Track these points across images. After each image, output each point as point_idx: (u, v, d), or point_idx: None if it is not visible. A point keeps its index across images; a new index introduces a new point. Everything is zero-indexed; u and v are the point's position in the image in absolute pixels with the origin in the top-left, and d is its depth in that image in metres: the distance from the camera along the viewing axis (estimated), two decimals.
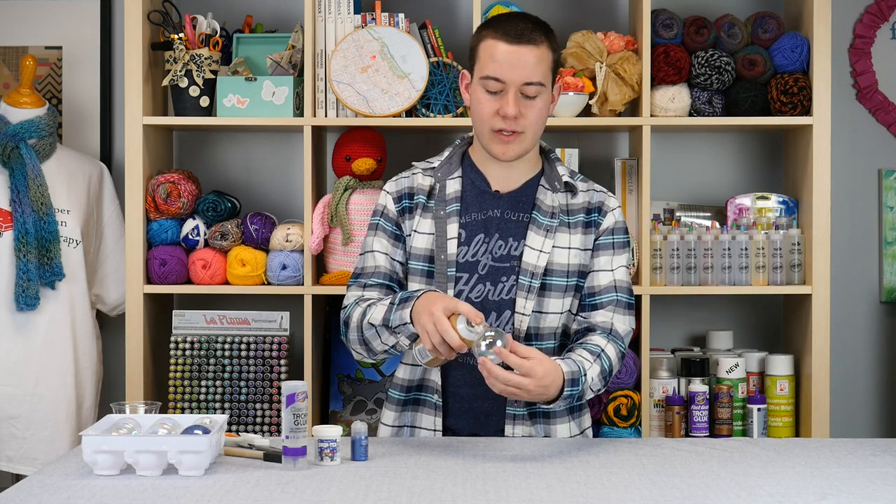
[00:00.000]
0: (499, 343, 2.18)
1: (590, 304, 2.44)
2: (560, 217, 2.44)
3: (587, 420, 2.54)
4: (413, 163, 2.55)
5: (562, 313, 2.43)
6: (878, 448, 2.32)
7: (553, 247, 2.42)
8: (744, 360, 3.35)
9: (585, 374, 2.30)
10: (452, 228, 2.43)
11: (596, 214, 2.46)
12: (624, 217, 2.52)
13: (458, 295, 2.41)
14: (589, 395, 2.36)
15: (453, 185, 2.46)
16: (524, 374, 2.19)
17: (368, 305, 2.38)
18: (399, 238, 2.47)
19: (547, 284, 2.41)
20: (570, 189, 2.47)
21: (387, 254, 2.46)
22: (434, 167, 2.50)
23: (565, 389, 2.26)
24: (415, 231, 2.46)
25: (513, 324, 2.40)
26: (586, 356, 2.34)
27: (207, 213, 3.32)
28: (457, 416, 2.44)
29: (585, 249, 2.45)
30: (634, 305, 2.48)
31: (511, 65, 2.34)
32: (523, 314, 2.39)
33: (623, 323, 2.43)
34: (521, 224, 2.44)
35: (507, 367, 2.21)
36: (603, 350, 2.37)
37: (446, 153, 2.52)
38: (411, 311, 2.27)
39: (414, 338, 2.31)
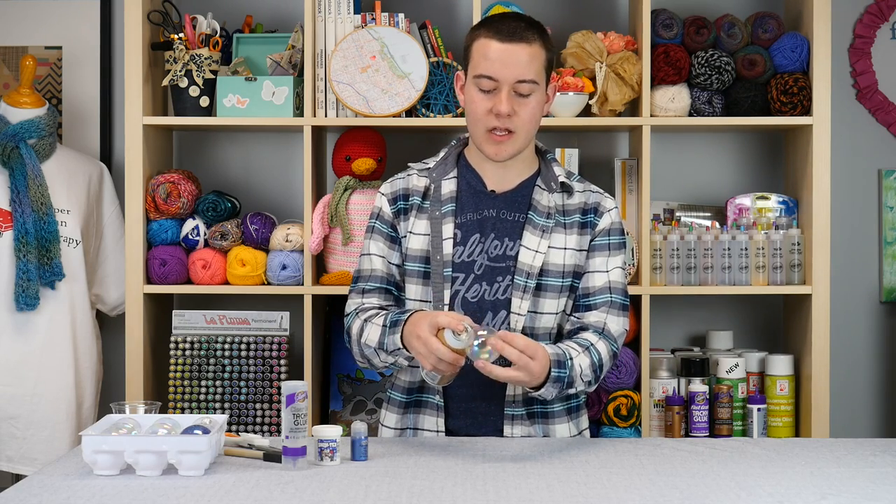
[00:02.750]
0: (488, 348, 2.18)
1: (584, 305, 2.44)
2: (556, 217, 2.44)
3: (585, 421, 2.54)
4: (409, 164, 2.56)
5: (557, 313, 2.44)
6: (878, 448, 2.32)
7: (549, 247, 2.42)
8: (744, 360, 3.35)
9: (571, 360, 2.30)
10: (448, 229, 2.43)
11: (592, 215, 2.46)
12: (621, 218, 2.52)
13: (454, 295, 2.41)
14: (581, 386, 2.35)
15: (448, 186, 2.46)
16: (531, 356, 2.20)
17: (365, 321, 2.39)
18: (395, 240, 2.47)
19: (542, 285, 2.41)
20: (566, 189, 2.47)
21: (383, 257, 2.47)
22: (429, 168, 2.50)
23: (552, 371, 2.26)
24: (410, 232, 2.46)
25: (508, 323, 2.40)
26: (573, 346, 2.35)
27: (207, 213, 3.32)
28: (456, 417, 2.44)
29: (581, 250, 2.45)
30: (629, 307, 2.48)
31: (503, 63, 2.35)
32: (519, 314, 2.39)
33: (616, 324, 2.43)
34: (517, 224, 2.44)
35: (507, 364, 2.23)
36: (592, 344, 2.37)
37: (442, 154, 2.52)
38: (402, 337, 2.29)
39: (412, 358, 2.32)
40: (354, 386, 3.43)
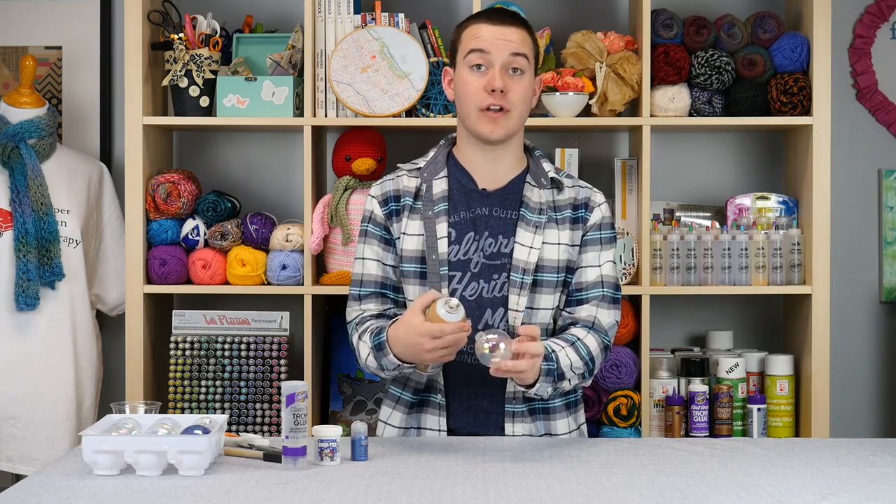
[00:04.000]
0: (502, 346, 2.19)
1: (576, 300, 2.45)
2: (548, 213, 2.45)
3: (582, 416, 2.57)
4: (398, 165, 2.56)
5: (552, 309, 2.44)
6: (878, 448, 2.32)
7: (543, 243, 2.43)
8: (744, 360, 3.35)
9: (555, 353, 2.32)
10: (442, 228, 2.43)
11: (583, 210, 2.47)
12: (611, 212, 2.53)
13: (452, 293, 2.42)
14: (575, 380, 2.36)
15: (440, 185, 2.47)
16: (537, 353, 2.22)
17: (359, 337, 2.41)
18: (389, 242, 2.47)
19: (538, 280, 2.42)
20: (556, 185, 2.48)
21: (378, 260, 2.47)
22: (419, 168, 2.51)
23: (542, 364, 2.28)
24: (404, 233, 2.46)
25: (507, 320, 2.41)
26: (556, 341, 2.37)
27: (207, 213, 3.32)
28: (457, 415, 2.45)
29: (573, 245, 2.46)
30: (620, 300, 2.49)
31: (495, 39, 2.39)
32: (516, 310, 2.40)
33: (607, 316, 2.44)
34: (510, 221, 2.44)
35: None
36: (579, 339, 2.39)
37: (431, 154, 2.53)
38: (395, 355, 2.31)
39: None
40: (354, 386, 3.43)
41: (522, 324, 2.40)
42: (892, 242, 3.61)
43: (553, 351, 2.32)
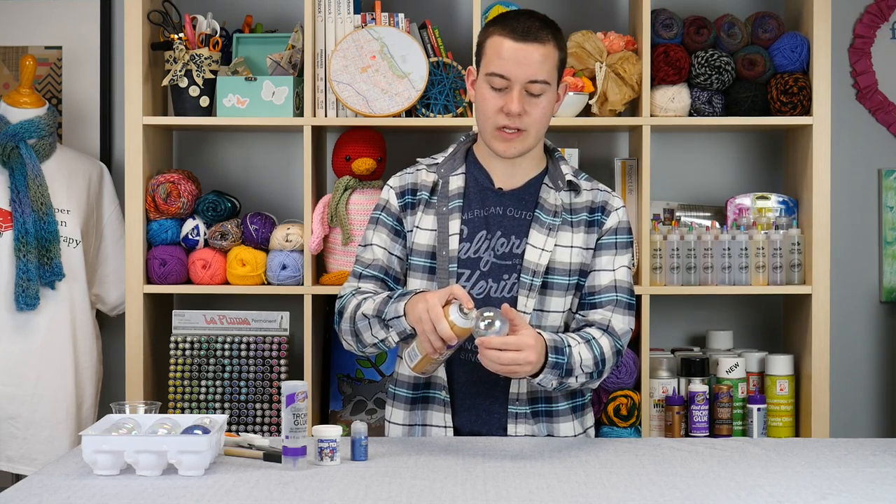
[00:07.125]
0: (497, 323, 2.18)
1: (589, 303, 2.44)
2: (563, 216, 2.44)
3: (590, 419, 2.54)
4: (417, 159, 2.56)
5: (563, 312, 2.43)
6: (878, 448, 2.32)
7: (555, 245, 2.42)
8: (744, 360, 3.35)
9: (570, 347, 2.30)
10: (454, 225, 2.43)
11: (599, 214, 2.46)
12: (628, 217, 2.51)
13: None
14: (582, 378, 2.34)
15: (456, 182, 2.46)
16: (518, 349, 2.19)
17: (364, 298, 2.39)
18: (399, 233, 2.47)
19: (549, 283, 2.41)
20: (573, 188, 2.47)
21: (385, 248, 2.47)
22: (438, 163, 2.50)
23: (550, 356, 2.25)
24: (417, 227, 2.46)
25: None
26: (573, 336, 2.35)
27: (207, 213, 3.32)
28: (460, 414, 2.44)
29: (588, 249, 2.45)
30: (634, 306, 2.48)
31: (516, 62, 2.34)
32: (525, 312, 2.39)
33: (621, 322, 2.43)
34: (524, 222, 2.44)
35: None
36: (594, 338, 2.37)
37: (451, 149, 2.52)
38: (406, 305, 2.27)
39: (404, 337, 2.31)
40: (354, 386, 3.43)
41: (531, 326, 2.39)
42: (892, 242, 3.62)
43: (569, 346, 2.31)
